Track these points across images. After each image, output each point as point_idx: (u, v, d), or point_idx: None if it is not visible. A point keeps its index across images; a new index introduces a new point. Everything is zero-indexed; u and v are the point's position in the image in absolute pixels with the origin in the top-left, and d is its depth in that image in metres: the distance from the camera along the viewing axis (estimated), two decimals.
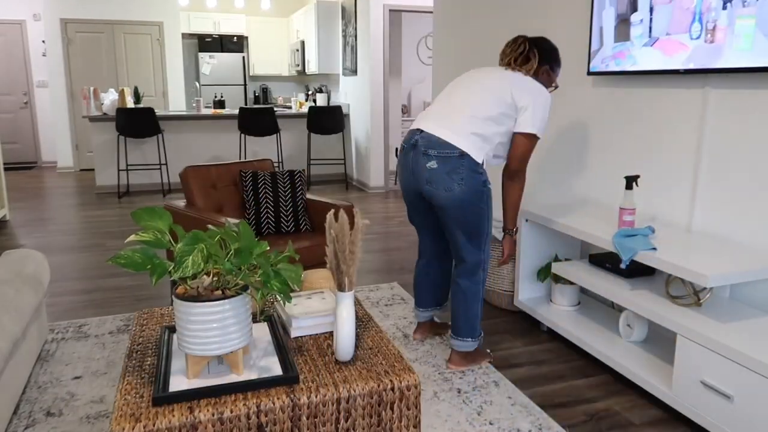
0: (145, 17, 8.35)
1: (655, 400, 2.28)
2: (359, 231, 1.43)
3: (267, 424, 1.31)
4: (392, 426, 1.43)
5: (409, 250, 4.42)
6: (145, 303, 3.32)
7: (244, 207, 3.19)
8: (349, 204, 3.07)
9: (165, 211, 1.36)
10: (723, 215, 2.34)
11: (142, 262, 1.29)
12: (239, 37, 9.36)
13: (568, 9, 3.15)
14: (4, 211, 5.25)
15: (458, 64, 4.43)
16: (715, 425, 1.92)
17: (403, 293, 3.45)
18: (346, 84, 7.53)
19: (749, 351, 1.80)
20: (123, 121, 6.27)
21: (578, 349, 2.73)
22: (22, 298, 2.22)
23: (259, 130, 6.71)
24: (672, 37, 2.42)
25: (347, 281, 1.44)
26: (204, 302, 1.31)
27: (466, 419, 2.14)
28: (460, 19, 4.34)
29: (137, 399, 1.31)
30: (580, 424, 2.13)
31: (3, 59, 8.43)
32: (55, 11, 7.96)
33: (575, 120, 3.15)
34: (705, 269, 1.95)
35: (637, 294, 2.33)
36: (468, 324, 2.47)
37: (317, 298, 1.79)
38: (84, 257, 4.20)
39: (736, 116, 2.26)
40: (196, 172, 3.15)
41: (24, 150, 8.80)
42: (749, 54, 2.10)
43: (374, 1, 6.42)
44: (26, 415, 2.15)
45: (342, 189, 7.16)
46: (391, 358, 1.52)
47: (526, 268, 2.97)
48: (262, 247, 1.41)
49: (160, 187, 6.99)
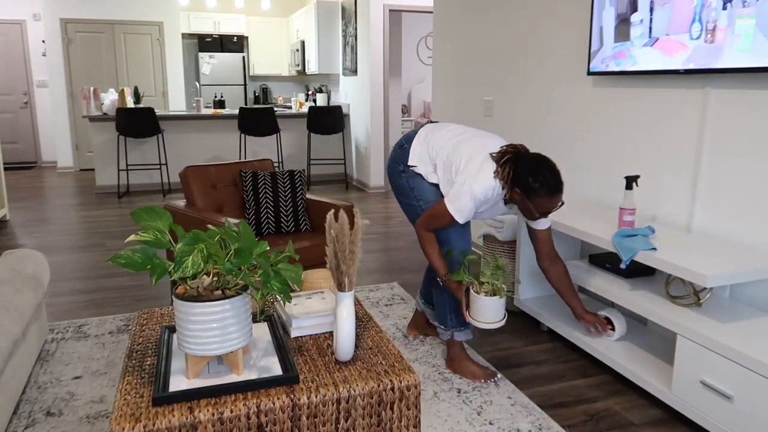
0: (145, 17, 8.35)
1: (655, 400, 2.28)
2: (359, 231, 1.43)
3: (267, 424, 1.31)
4: (392, 426, 1.43)
5: (409, 250, 4.42)
6: (145, 303, 3.32)
7: (244, 207, 3.19)
8: (349, 204, 3.07)
9: (165, 211, 1.36)
10: (723, 215, 2.34)
11: (142, 262, 1.29)
12: (239, 37, 9.36)
13: (568, 9, 3.15)
14: (4, 211, 5.25)
15: (458, 64, 4.43)
16: (715, 425, 1.92)
17: (403, 293, 3.45)
18: (346, 84, 7.53)
19: (749, 351, 1.80)
20: (123, 121, 6.27)
21: (578, 349, 2.73)
22: (22, 298, 2.22)
23: (259, 130, 6.71)
24: (672, 37, 2.42)
25: (347, 281, 1.44)
26: (204, 302, 1.31)
27: (466, 419, 2.14)
28: (460, 19, 4.34)
29: (137, 399, 1.31)
30: (580, 424, 2.13)
31: (3, 59, 8.43)
32: (55, 11, 7.96)
33: (575, 120, 3.15)
34: (705, 269, 1.95)
35: (637, 294, 2.33)
36: (439, 311, 2.48)
37: (317, 298, 1.79)
38: (84, 257, 4.20)
39: (736, 116, 2.26)
40: (196, 172, 3.15)
41: (24, 150, 8.80)
42: (749, 54, 2.10)
43: (374, 1, 6.42)
44: (26, 415, 2.15)
45: (342, 189, 7.16)
46: (391, 358, 1.52)
47: (526, 269, 2.97)
48: (262, 247, 1.41)
49: (160, 187, 6.99)
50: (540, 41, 3.42)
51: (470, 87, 4.28)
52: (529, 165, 2.09)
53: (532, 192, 2.08)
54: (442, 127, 2.43)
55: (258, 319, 1.71)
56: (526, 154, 2.14)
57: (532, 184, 2.07)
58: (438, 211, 2.24)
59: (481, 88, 4.13)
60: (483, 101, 4.11)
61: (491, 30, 3.93)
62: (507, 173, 2.12)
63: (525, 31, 3.54)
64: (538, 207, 2.11)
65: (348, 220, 1.43)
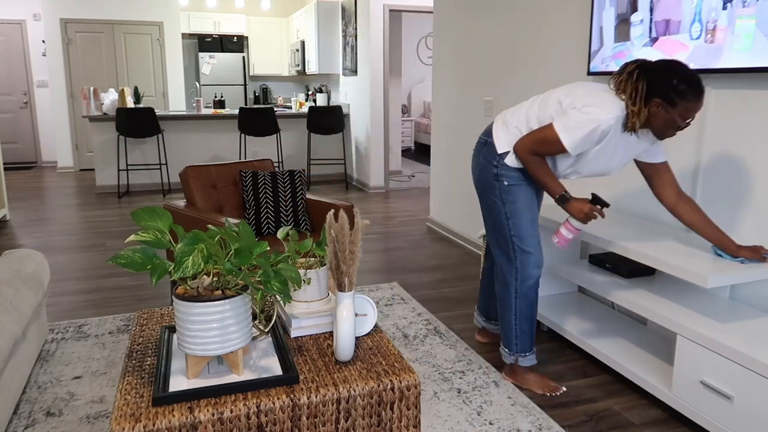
0: (145, 17, 8.35)
1: (655, 400, 2.28)
2: (359, 231, 1.43)
3: (267, 424, 1.31)
4: (392, 426, 1.43)
5: (409, 250, 4.42)
6: (145, 303, 3.32)
7: (244, 207, 3.19)
8: (349, 204, 3.06)
9: (165, 211, 1.36)
10: (723, 215, 2.34)
11: (142, 262, 1.29)
12: (239, 37, 9.36)
13: (568, 9, 3.15)
14: (4, 211, 5.25)
15: (458, 64, 4.43)
16: (715, 425, 1.92)
17: (403, 293, 3.45)
18: (346, 84, 7.53)
19: (749, 351, 1.80)
20: (123, 121, 6.27)
21: (578, 349, 2.73)
22: (22, 298, 2.22)
23: (259, 130, 6.71)
24: (672, 37, 2.42)
25: (347, 281, 1.44)
26: (204, 302, 1.31)
27: (466, 419, 2.14)
28: (460, 19, 4.34)
29: (137, 399, 1.31)
30: (580, 424, 2.13)
31: (3, 59, 8.43)
32: (55, 11, 7.96)
33: None
34: (705, 270, 1.95)
35: (637, 294, 2.33)
36: (503, 332, 2.39)
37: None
38: (84, 257, 4.20)
39: (736, 116, 2.26)
40: (196, 172, 3.15)
41: (24, 150, 8.80)
42: (749, 54, 2.10)
43: (374, 1, 6.42)
44: (26, 415, 2.15)
45: (342, 189, 7.16)
46: (391, 358, 1.52)
47: None
48: (262, 247, 1.41)
49: (160, 187, 6.99)
50: (540, 41, 3.42)
51: (470, 87, 4.28)
52: (665, 69, 1.89)
53: (679, 95, 1.86)
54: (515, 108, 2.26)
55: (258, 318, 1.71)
56: (653, 62, 1.93)
57: (678, 87, 1.85)
58: (546, 134, 2.02)
59: (481, 88, 4.13)
60: (483, 101, 4.11)
61: (491, 30, 3.93)
62: (641, 89, 1.90)
63: (525, 31, 3.54)
64: (685, 114, 1.89)
65: (348, 220, 1.43)
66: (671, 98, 1.87)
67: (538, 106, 2.16)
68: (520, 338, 2.34)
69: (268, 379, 1.35)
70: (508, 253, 2.27)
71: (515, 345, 2.36)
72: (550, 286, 3.02)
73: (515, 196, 2.21)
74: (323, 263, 1.69)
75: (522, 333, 2.34)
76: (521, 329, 2.33)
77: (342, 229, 1.42)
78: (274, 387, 1.36)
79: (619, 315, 2.78)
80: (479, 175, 2.28)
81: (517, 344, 2.35)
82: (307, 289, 1.67)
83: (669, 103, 1.88)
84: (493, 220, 2.28)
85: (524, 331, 2.33)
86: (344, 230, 1.42)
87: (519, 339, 2.34)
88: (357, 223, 1.44)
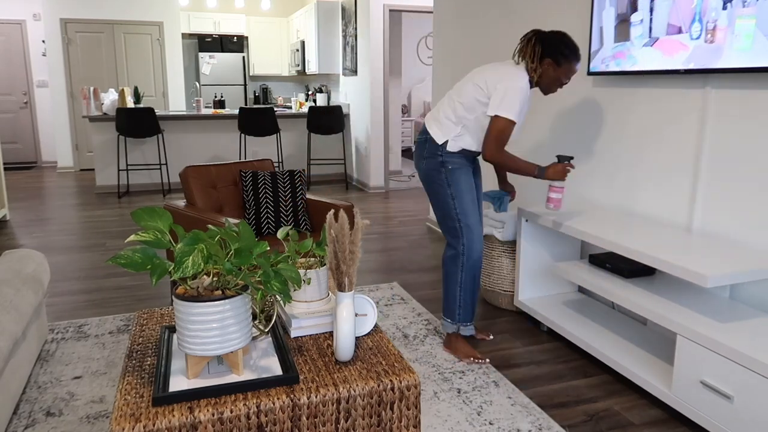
0: (145, 17, 8.35)
1: (655, 400, 2.28)
2: (359, 231, 1.43)
3: (267, 424, 1.31)
4: (392, 426, 1.43)
5: (409, 250, 4.42)
6: (145, 303, 3.32)
7: (244, 207, 3.19)
8: (349, 204, 3.06)
9: (165, 211, 1.36)
10: (723, 215, 2.34)
11: (142, 262, 1.29)
12: (239, 37, 9.36)
13: (568, 9, 3.15)
14: (4, 211, 5.25)
15: (458, 64, 4.43)
16: (715, 425, 1.92)
17: (403, 293, 3.45)
18: (346, 84, 7.53)
19: (749, 351, 1.80)
20: (123, 121, 6.27)
21: (578, 349, 2.73)
22: (22, 298, 2.22)
23: (259, 130, 6.71)
24: (672, 37, 2.42)
25: (347, 281, 1.44)
26: (204, 302, 1.31)
27: (466, 419, 2.14)
28: (460, 19, 4.34)
29: (137, 399, 1.31)
30: (580, 424, 2.13)
31: (3, 59, 8.43)
32: (55, 11, 7.96)
33: (575, 120, 3.15)
34: (705, 269, 1.95)
35: (637, 294, 2.33)
36: (446, 303, 2.64)
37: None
38: (84, 257, 4.20)
39: (737, 116, 2.26)
40: (196, 171, 3.15)
41: (24, 150, 8.80)
42: (749, 54, 2.10)
43: (374, 1, 6.42)
44: (26, 415, 2.15)
45: (342, 189, 7.16)
46: (391, 358, 1.52)
47: (526, 269, 2.97)
48: (262, 247, 1.41)
49: (160, 187, 6.99)
50: None
51: None
52: (554, 36, 2.37)
53: (564, 57, 2.35)
54: (437, 106, 2.59)
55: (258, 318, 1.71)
56: (546, 31, 2.41)
57: (564, 50, 2.35)
58: (497, 127, 2.36)
59: None
60: None
61: (491, 30, 3.93)
62: (537, 50, 2.36)
63: (525, 31, 3.54)
64: (567, 73, 2.39)
65: (348, 220, 1.43)
66: (558, 60, 2.36)
67: (456, 95, 2.49)
68: (463, 309, 2.60)
69: (268, 379, 1.35)
70: (456, 231, 2.54)
71: (458, 315, 2.61)
72: (550, 286, 3.03)
73: (458, 178, 2.51)
74: (323, 263, 1.69)
75: (465, 304, 2.59)
76: (464, 300, 2.58)
77: (342, 229, 1.42)
78: (274, 387, 1.36)
79: (619, 315, 2.79)
80: (425, 168, 2.57)
81: (459, 314, 2.61)
82: (307, 289, 1.67)
83: (557, 63, 2.37)
84: (440, 204, 2.55)
85: (467, 303, 2.59)
86: (344, 230, 1.42)
87: (462, 309, 2.60)
88: (357, 223, 1.44)
